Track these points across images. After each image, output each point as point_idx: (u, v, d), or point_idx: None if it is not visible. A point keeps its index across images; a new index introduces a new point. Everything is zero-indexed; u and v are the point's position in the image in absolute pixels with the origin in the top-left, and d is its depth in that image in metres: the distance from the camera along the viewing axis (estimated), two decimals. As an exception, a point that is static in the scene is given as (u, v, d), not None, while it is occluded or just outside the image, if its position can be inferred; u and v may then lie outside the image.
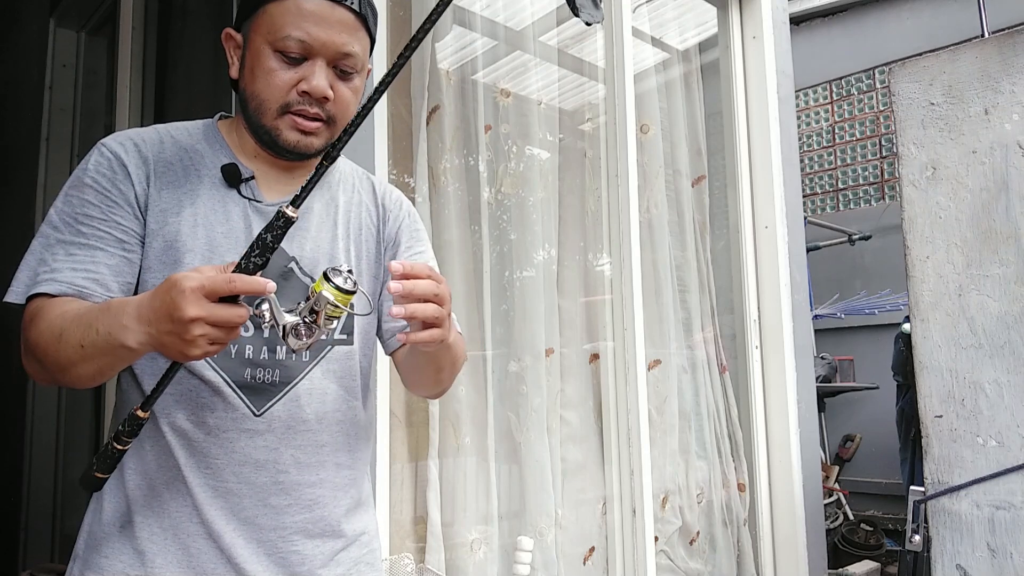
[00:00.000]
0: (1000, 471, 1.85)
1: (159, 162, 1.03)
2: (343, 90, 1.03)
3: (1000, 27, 3.40)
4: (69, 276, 0.95)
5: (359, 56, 1.03)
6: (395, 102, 2.18)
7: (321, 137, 1.04)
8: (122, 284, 0.98)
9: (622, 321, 2.51)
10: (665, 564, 2.58)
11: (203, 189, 1.03)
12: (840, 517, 4.89)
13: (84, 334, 0.86)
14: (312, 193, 1.11)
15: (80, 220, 0.98)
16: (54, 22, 3.07)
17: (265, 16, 1.00)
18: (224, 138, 1.09)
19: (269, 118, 1.02)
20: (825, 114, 6.34)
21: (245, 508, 0.99)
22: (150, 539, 0.98)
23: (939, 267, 1.99)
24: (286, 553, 1.02)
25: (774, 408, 2.90)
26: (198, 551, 0.98)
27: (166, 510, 0.99)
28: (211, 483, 0.99)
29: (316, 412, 1.04)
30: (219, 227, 1.02)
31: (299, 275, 1.05)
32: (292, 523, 1.02)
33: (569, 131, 2.71)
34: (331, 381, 1.07)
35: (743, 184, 3.02)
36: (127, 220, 0.99)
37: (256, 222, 1.04)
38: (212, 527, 0.98)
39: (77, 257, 0.96)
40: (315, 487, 1.04)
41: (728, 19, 3.12)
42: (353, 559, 1.10)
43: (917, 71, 2.07)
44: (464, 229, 2.30)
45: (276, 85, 1.00)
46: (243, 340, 1.01)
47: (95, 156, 1.02)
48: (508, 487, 2.29)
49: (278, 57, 0.99)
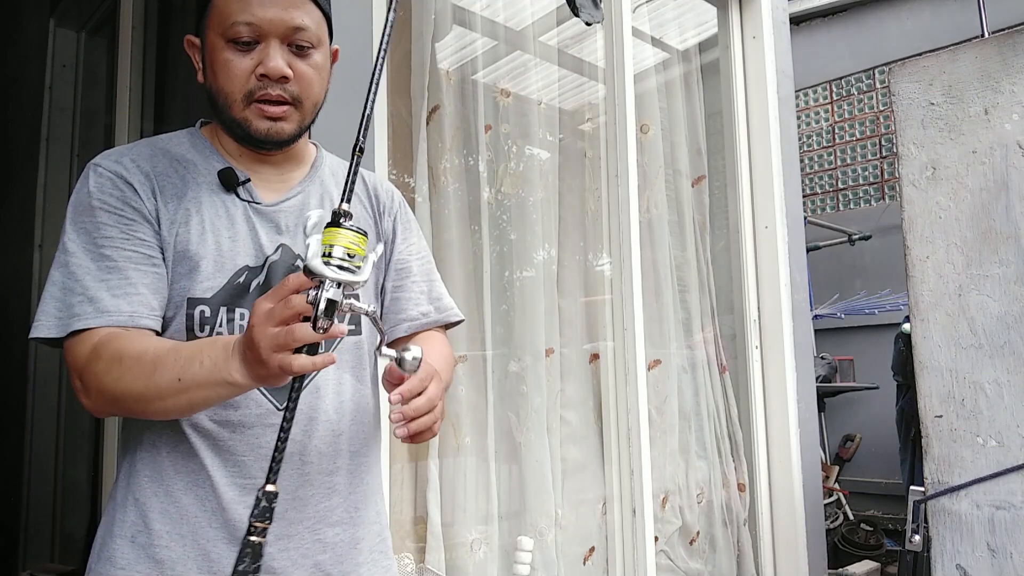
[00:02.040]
0: (1000, 471, 1.85)
1: (158, 175, 1.03)
2: (302, 67, 1.03)
3: (1000, 27, 3.40)
4: (113, 304, 0.93)
5: (311, 29, 1.03)
6: (395, 102, 2.18)
7: (291, 121, 1.04)
8: (161, 300, 0.98)
9: (622, 321, 2.51)
10: (665, 564, 2.58)
11: (204, 196, 1.03)
12: (840, 517, 4.89)
13: (185, 368, 0.86)
14: (307, 189, 1.11)
15: (101, 245, 0.96)
16: (54, 22, 3.07)
17: (214, 11, 1.02)
18: (210, 143, 1.09)
19: (237, 110, 1.02)
20: (825, 114, 6.34)
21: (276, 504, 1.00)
22: (168, 546, 0.96)
23: (939, 267, 1.99)
24: (309, 543, 1.02)
25: (774, 408, 2.90)
26: (219, 556, 0.96)
27: (185, 515, 0.97)
28: (239, 481, 0.98)
29: (334, 402, 1.05)
30: (225, 232, 1.02)
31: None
32: (315, 513, 1.03)
33: (569, 131, 2.71)
34: (345, 371, 1.08)
35: (743, 184, 3.02)
36: (148, 235, 0.98)
37: (258, 223, 1.05)
38: (238, 527, 0.96)
39: (112, 282, 0.94)
40: (332, 475, 1.05)
41: (728, 19, 3.12)
42: (370, 548, 1.11)
43: (917, 71, 2.07)
44: (464, 229, 2.30)
45: (235, 75, 1.00)
46: None
47: (93, 178, 0.99)
48: (508, 487, 2.29)
49: (231, 47, 1.00)
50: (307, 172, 1.14)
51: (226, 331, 1.00)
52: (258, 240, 1.04)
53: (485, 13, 2.45)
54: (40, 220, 2.95)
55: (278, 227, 1.06)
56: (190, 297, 0.99)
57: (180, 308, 0.99)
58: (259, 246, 1.04)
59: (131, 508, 0.98)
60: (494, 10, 2.48)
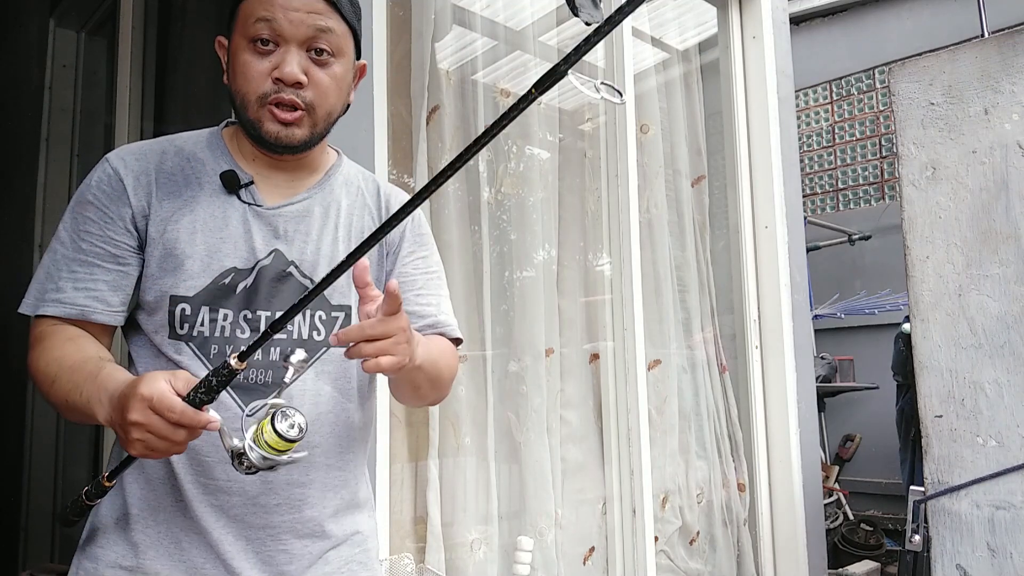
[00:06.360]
0: (1000, 471, 1.85)
1: (160, 173, 1.06)
2: (319, 75, 1.04)
3: (1000, 27, 3.40)
4: (72, 296, 1.01)
5: (334, 34, 1.03)
6: (395, 102, 2.18)
7: (303, 127, 1.04)
8: (122, 297, 1.04)
9: (622, 321, 2.51)
10: (665, 564, 2.58)
11: (203, 196, 1.05)
12: (840, 517, 4.90)
13: (70, 392, 0.93)
14: (314, 196, 1.12)
15: (82, 237, 1.03)
16: (54, 22, 3.07)
17: (240, 14, 1.03)
18: (226, 144, 1.11)
19: (252, 110, 1.03)
20: (825, 114, 6.34)
21: (234, 506, 1.01)
22: (144, 531, 1.01)
23: (939, 267, 1.99)
24: (274, 552, 1.03)
25: (774, 408, 2.90)
26: (189, 544, 1.01)
27: (161, 505, 1.02)
28: (202, 480, 1.01)
29: (309, 413, 1.03)
30: (217, 232, 1.03)
31: (298, 278, 1.06)
32: (280, 522, 1.03)
33: (569, 131, 2.71)
34: (325, 383, 1.07)
35: (743, 184, 3.02)
36: (121, 236, 1.03)
37: (256, 226, 1.05)
38: (202, 523, 1.00)
39: (78, 274, 1.02)
40: (304, 487, 1.05)
41: (728, 19, 3.12)
42: (344, 558, 1.11)
43: (917, 71, 2.07)
44: (464, 229, 2.30)
45: (251, 76, 1.02)
46: (238, 341, 1.03)
47: (98, 172, 1.05)
48: (508, 487, 2.29)
49: (252, 48, 1.02)
50: (318, 179, 1.14)
51: (207, 331, 1.02)
52: (251, 243, 1.05)
53: (485, 13, 2.45)
54: (40, 220, 2.95)
55: (275, 231, 1.07)
56: (172, 295, 1.01)
57: (163, 304, 1.02)
58: (251, 249, 1.04)
59: (116, 492, 1.03)
60: (494, 10, 2.48)
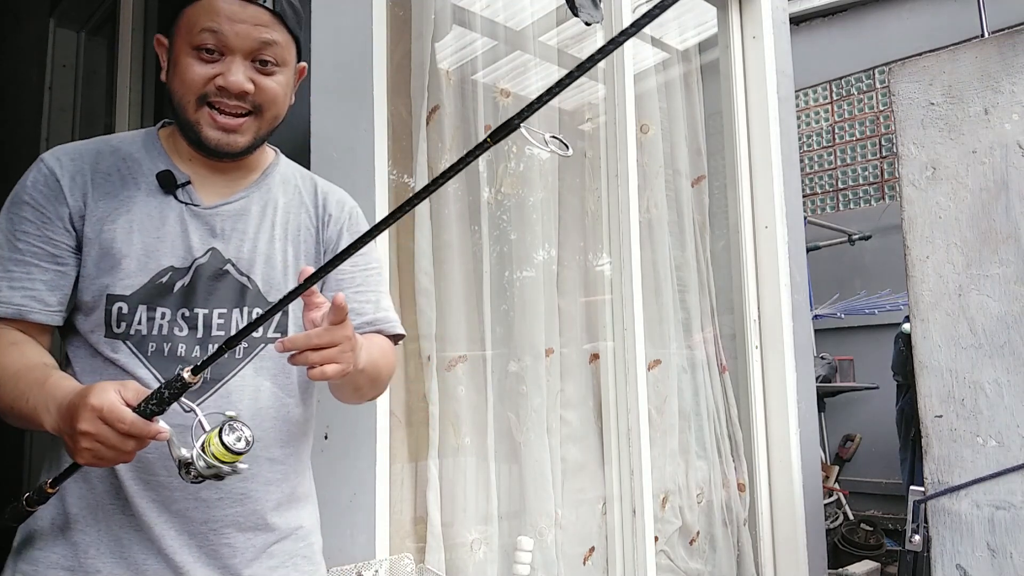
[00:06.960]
0: (1000, 471, 1.85)
1: (96, 173, 1.06)
2: (265, 81, 1.05)
3: (1000, 27, 3.40)
4: (8, 295, 1.01)
5: (279, 46, 1.04)
6: (395, 102, 2.18)
7: (246, 134, 1.05)
8: (60, 297, 1.03)
9: (622, 321, 2.51)
10: (665, 564, 2.58)
11: (140, 196, 1.05)
12: (840, 517, 4.89)
13: (15, 399, 0.94)
14: (251, 195, 1.12)
15: (18, 237, 1.02)
16: (54, 22, 3.07)
17: (184, 19, 1.03)
18: (163, 144, 1.11)
19: (190, 112, 1.03)
20: (825, 114, 6.34)
21: (176, 501, 1.02)
22: (84, 531, 1.01)
23: (939, 267, 1.99)
24: (217, 546, 1.04)
25: (774, 408, 2.90)
26: (130, 542, 1.01)
27: (101, 503, 1.02)
28: (143, 477, 1.01)
29: (248, 408, 1.05)
30: (154, 232, 1.04)
31: (235, 276, 1.08)
32: (223, 516, 1.04)
33: (569, 131, 2.71)
34: (264, 378, 1.08)
35: (743, 184, 3.02)
36: (59, 235, 1.03)
37: (193, 225, 1.06)
38: (143, 519, 1.01)
39: (15, 274, 1.01)
40: (246, 481, 1.05)
41: (728, 19, 3.12)
42: (288, 552, 1.12)
43: (917, 71, 2.07)
44: (464, 229, 2.30)
45: (192, 79, 1.02)
46: (176, 339, 1.03)
47: (33, 173, 1.05)
48: (508, 487, 2.29)
49: (195, 54, 1.02)
50: (256, 178, 1.14)
51: (145, 329, 1.02)
52: (188, 242, 1.05)
53: (485, 13, 2.45)
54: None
55: (212, 230, 1.08)
56: (109, 294, 1.02)
57: (99, 303, 1.02)
58: (188, 248, 1.05)
59: (55, 497, 1.02)
60: (494, 10, 2.48)
